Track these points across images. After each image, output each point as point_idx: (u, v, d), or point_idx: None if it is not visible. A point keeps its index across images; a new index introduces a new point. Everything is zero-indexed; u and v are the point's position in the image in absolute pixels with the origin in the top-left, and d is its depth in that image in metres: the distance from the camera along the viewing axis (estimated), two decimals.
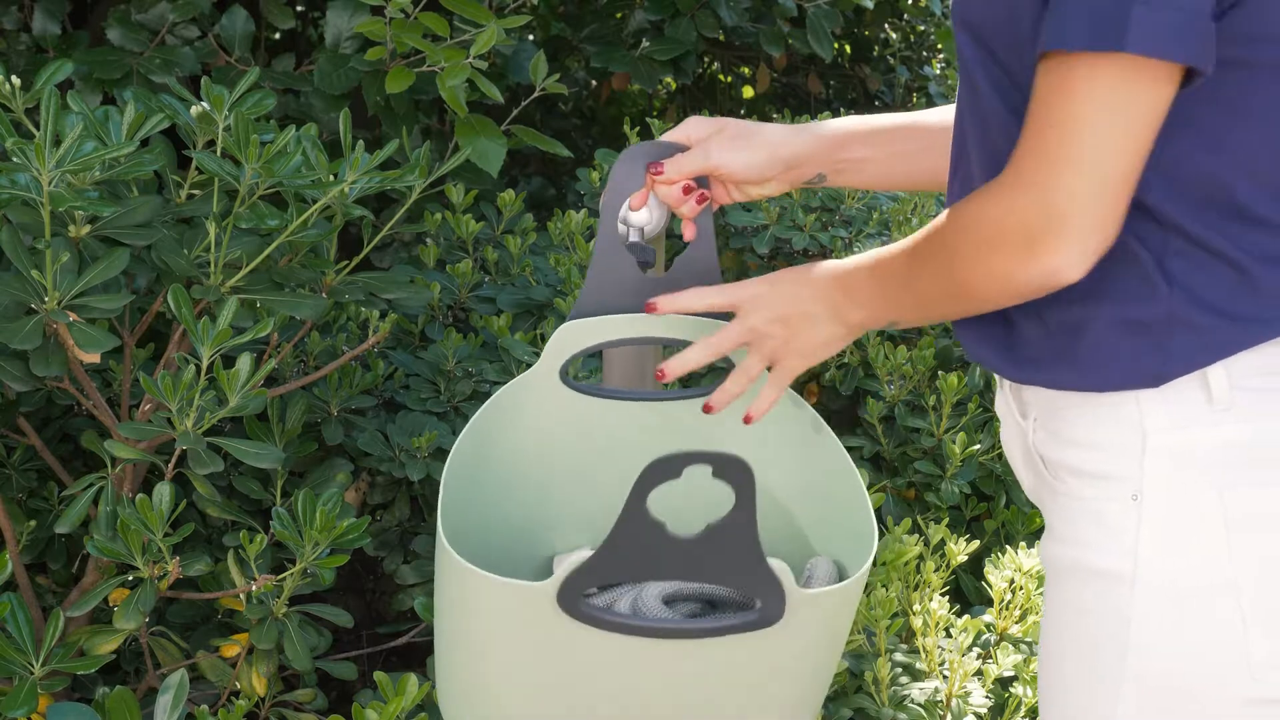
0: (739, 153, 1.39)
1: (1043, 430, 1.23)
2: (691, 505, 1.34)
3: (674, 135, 1.43)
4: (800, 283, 1.32)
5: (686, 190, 1.41)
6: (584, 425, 1.54)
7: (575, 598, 1.26)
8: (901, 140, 1.43)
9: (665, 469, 1.18)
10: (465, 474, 1.46)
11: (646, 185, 1.43)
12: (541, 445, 1.54)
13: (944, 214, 1.18)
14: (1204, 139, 1.12)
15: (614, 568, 1.25)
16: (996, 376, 1.31)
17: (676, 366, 1.37)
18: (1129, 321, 1.15)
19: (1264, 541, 1.14)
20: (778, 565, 1.25)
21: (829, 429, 1.49)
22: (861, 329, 1.31)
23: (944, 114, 1.43)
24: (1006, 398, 1.29)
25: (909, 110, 3.93)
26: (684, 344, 1.44)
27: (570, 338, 1.47)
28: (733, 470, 1.19)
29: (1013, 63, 1.16)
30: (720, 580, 1.26)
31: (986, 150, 1.21)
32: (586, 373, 2.29)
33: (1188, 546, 1.15)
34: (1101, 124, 1.05)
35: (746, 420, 1.39)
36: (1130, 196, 1.09)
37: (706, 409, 1.39)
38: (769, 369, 1.37)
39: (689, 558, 1.24)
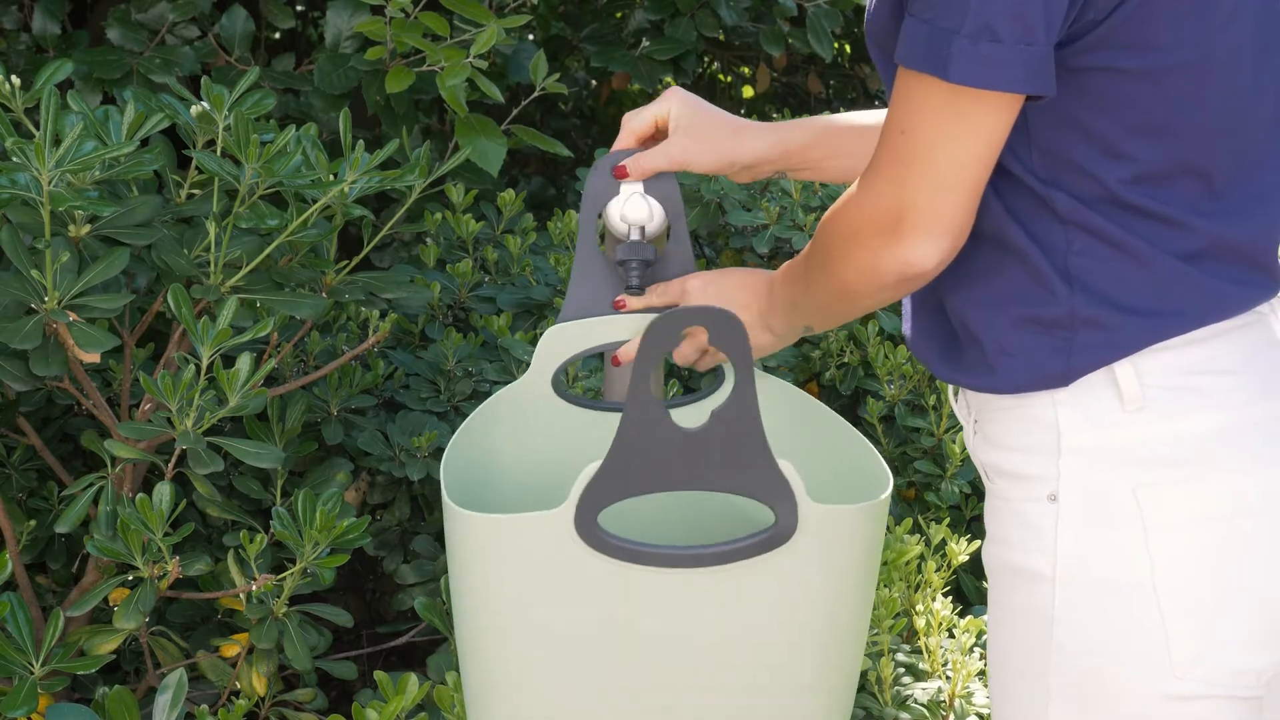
0: (698, 154, 1.44)
1: (979, 434, 1.27)
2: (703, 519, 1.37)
3: (651, 109, 1.45)
4: (737, 288, 1.38)
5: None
6: (576, 435, 1.53)
7: (592, 522, 1.26)
8: (859, 140, 1.47)
9: (665, 332, 1.22)
10: (459, 474, 1.46)
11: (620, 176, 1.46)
12: (534, 454, 1.54)
13: (820, 223, 1.24)
14: (1099, 144, 1.14)
15: (625, 475, 1.25)
16: (949, 387, 1.34)
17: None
18: (1030, 322, 1.18)
19: (1181, 539, 1.15)
20: (789, 469, 1.26)
21: (811, 397, 1.51)
22: (785, 336, 1.37)
23: None
24: (955, 403, 1.33)
25: None
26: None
27: (557, 343, 1.48)
28: (728, 334, 1.23)
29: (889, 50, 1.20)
30: (732, 485, 1.26)
31: None
32: (586, 372, 2.29)
33: (1105, 545, 1.17)
34: (939, 137, 1.11)
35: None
36: (977, 199, 1.13)
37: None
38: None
39: (698, 455, 1.25)
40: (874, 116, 1.47)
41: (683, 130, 1.43)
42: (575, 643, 1.32)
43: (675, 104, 1.44)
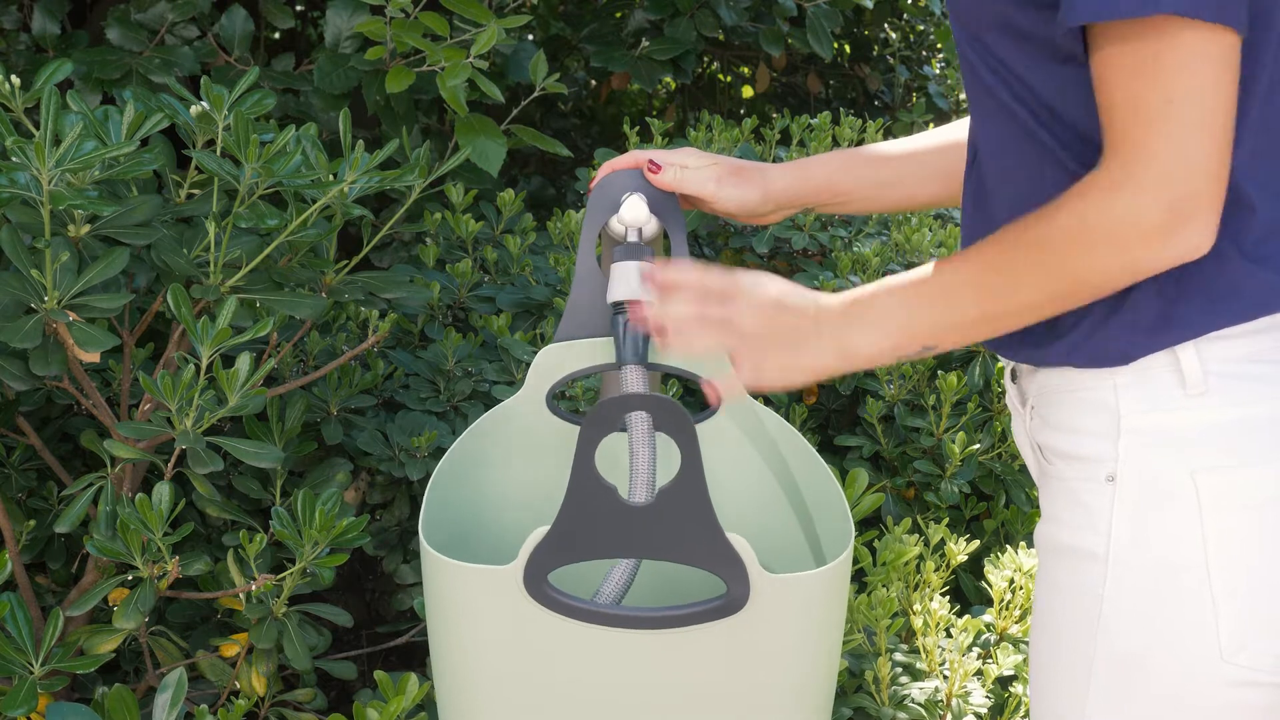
0: (735, 189, 1.44)
1: (1037, 417, 1.27)
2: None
3: (670, 159, 1.45)
4: (806, 299, 1.22)
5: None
6: (570, 451, 1.53)
7: (540, 580, 1.26)
8: (882, 170, 1.47)
9: (604, 419, 1.21)
10: (448, 497, 1.46)
11: (632, 162, 1.45)
12: (527, 471, 1.54)
13: (1030, 220, 1.13)
14: None
15: (574, 542, 1.25)
16: (1005, 371, 1.33)
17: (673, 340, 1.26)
18: (1098, 303, 1.17)
19: (1237, 524, 1.16)
20: (739, 541, 1.25)
21: (788, 424, 1.50)
22: (871, 359, 1.21)
23: (926, 139, 1.47)
24: (1010, 389, 1.33)
25: (908, 110, 3.93)
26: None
27: (552, 362, 1.48)
28: (672, 419, 1.21)
29: (1000, 50, 1.18)
30: (680, 555, 1.26)
31: (993, 144, 1.23)
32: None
33: (1160, 527, 1.17)
34: (1205, 80, 1.05)
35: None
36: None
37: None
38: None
39: (646, 528, 1.25)
40: (897, 146, 1.47)
41: (714, 169, 1.43)
42: (526, 693, 1.33)
43: (692, 154, 1.44)
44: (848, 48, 4.43)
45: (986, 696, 1.95)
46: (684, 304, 1.25)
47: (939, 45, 4.61)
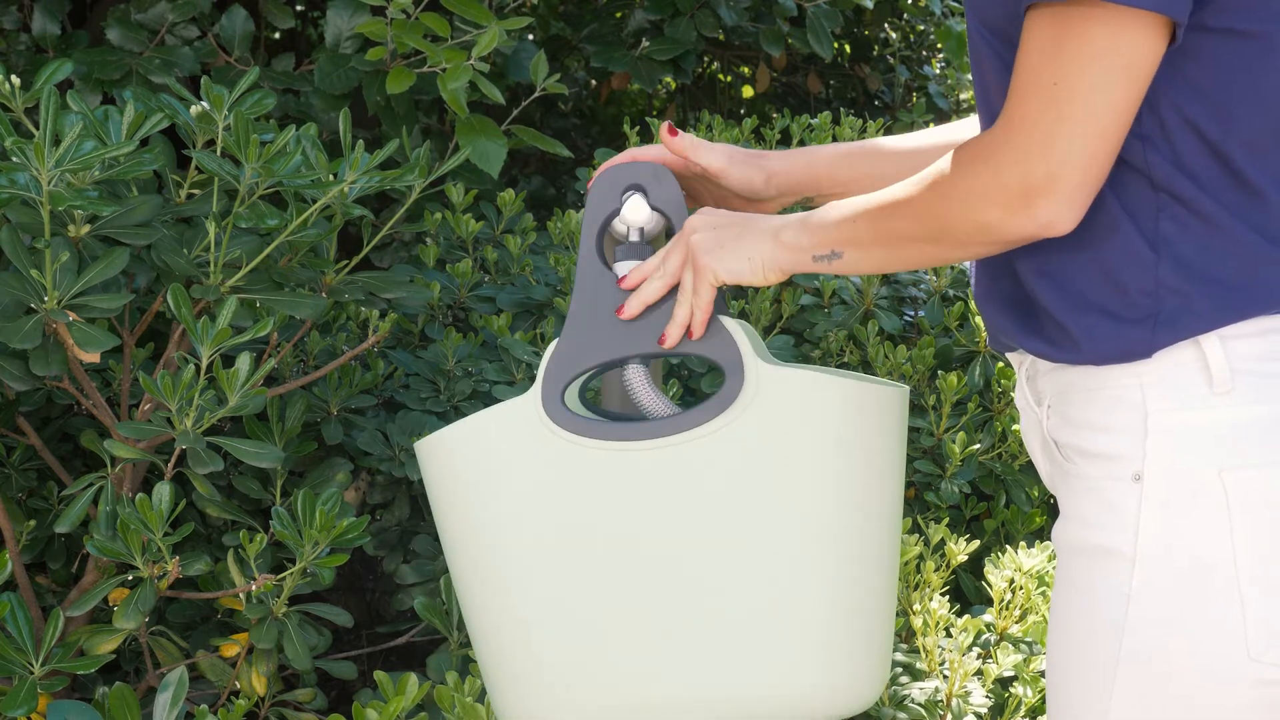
0: (742, 168, 1.46)
1: (1056, 415, 1.26)
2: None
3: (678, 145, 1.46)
4: (748, 212, 1.36)
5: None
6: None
7: (557, 400, 1.32)
8: (883, 164, 1.47)
9: (606, 188, 1.35)
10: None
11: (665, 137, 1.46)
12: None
13: (938, 162, 1.20)
14: (1209, 106, 1.15)
15: (585, 342, 1.32)
16: (1016, 369, 1.34)
17: (636, 305, 1.35)
18: (1116, 290, 1.18)
19: (1265, 522, 1.16)
20: (732, 324, 1.31)
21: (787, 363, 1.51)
22: (796, 257, 1.29)
23: (929, 136, 1.48)
24: (1023, 388, 1.32)
25: (908, 110, 3.93)
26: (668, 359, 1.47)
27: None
28: (660, 180, 1.36)
29: (1003, 27, 1.19)
30: (684, 347, 1.33)
31: (989, 116, 1.24)
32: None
33: (1188, 526, 1.17)
34: (1100, 79, 1.09)
35: (661, 341, 1.35)
36: (1118, 150, 1.12)
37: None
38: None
39: (651, 318, 1.33)
40: (900, 142, 1.48)
41: (724, 148, 1.45)
42: (561, 544, 1.34)
43: (701, 140, 1.46)
44: (848, 48, 4.43)
45: (986, 696, 1.95)
46: (653, 283, 1.35)
47: (939, 45, 4.61)
